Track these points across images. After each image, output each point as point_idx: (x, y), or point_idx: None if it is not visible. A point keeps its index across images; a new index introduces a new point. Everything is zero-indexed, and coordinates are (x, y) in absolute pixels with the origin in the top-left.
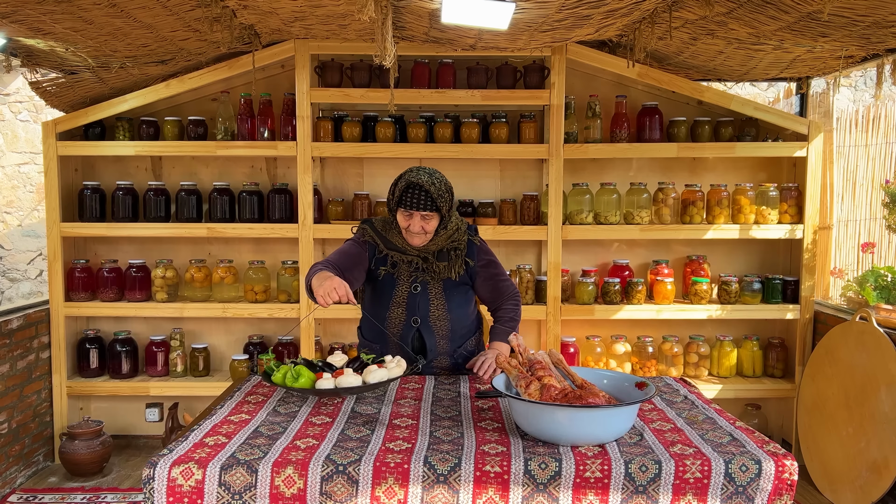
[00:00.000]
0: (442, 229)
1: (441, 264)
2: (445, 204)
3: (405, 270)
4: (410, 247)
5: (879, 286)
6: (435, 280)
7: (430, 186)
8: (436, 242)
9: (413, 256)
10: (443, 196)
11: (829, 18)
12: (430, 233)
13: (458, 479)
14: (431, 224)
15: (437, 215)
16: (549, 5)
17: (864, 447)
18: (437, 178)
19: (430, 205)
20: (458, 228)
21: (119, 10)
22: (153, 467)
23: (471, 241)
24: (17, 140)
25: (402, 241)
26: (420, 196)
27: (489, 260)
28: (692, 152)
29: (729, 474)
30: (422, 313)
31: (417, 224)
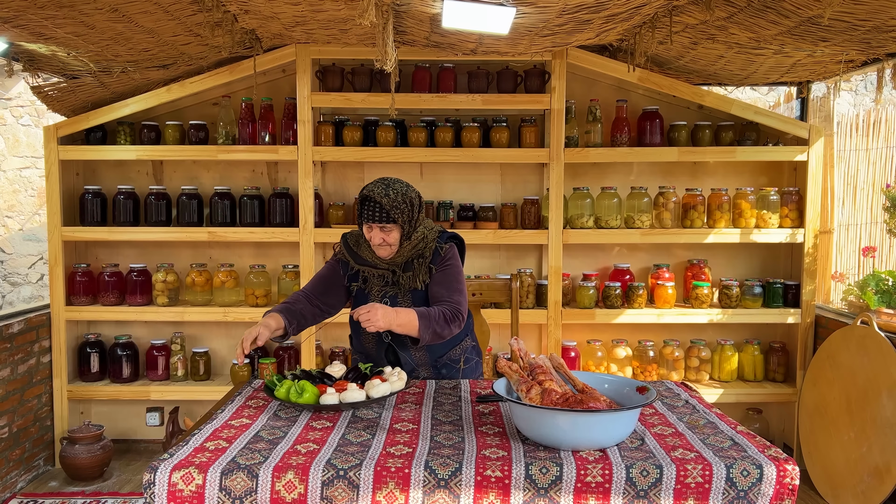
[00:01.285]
0: (406, 240)
1: (406, 275)
2: (402, 215)
3: (376, 285)
4: (380, 260)
5: (880, 290)
6: (403, 292)
7: (382, 199)
8: (401, 253)
9: (384, 270)
10: (398, 207)
11: (829, 23)
12: (393, 244)
13: (459, 483)
14: (392, 236)
15: (397, 227)
16: (550, 10)
17: (865, 452)
18: (394, 189)
19: (384, 217)
20: (423, 237)
21: (121, 15)
22: (154, 472)
23: (437, 249)
24: (19, 144)
25: (373, 254)
26: (374, 209)
27: (443, 267)
28: (693, 156)
29: (730, 479)
30: None
31: (378, 236)
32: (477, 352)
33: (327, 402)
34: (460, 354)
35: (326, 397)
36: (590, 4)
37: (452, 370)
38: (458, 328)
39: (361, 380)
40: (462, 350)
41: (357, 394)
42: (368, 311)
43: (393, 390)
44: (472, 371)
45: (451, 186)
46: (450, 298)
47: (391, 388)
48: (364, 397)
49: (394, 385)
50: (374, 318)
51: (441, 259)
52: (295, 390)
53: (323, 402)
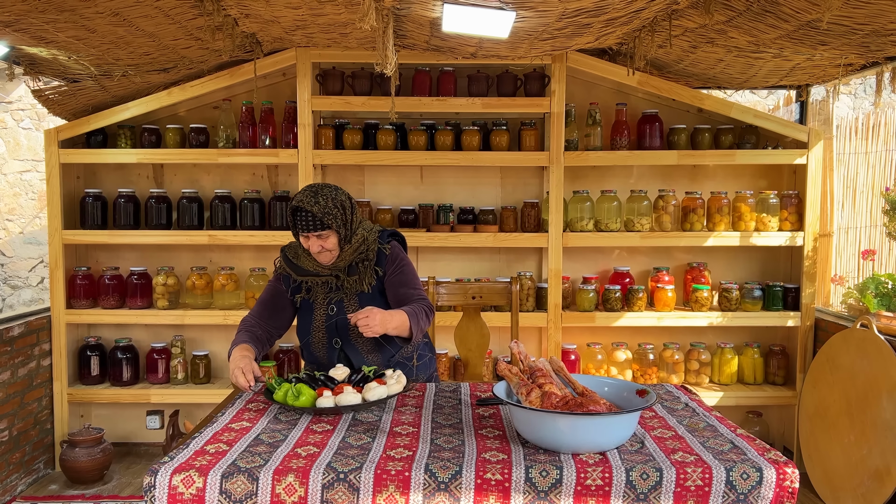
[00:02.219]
0: (346, 244)
1: (352, 279)
2: (335, 220)
3: (321, 293)
4: (322, 267)
5: (880, 293)
6: (349, 296)
7: (313, 207)
8: (344, 258)
9: (326, 277)
10: (330, 213)
11: (828, 27)
12: (333, 250)
13: (459, 486)
14: (330, 241)
15: (333, 232)
16: (550, 14)
17: (865, 455)
18: (323, 195)
19: (317, 224)
20: (364, 239)
21: (122, 19)
22: (154, 475)
23: (380, 250)
24: (20, 148)
25: (313, 262)
26: (307, 218)
27: (397, 267)
28: (692, 160)
29: (730, 482)
30: (341, 333)
31: (315, 245)
32: (430, 348)
33: (323, 405)
34: (412, 352)
35: (322, 400)
36: (589, 8)
37: (405, 368)
38: (430, 322)
39: (362, 383)
40: (414, 348)
41: (353, 397)
42: (367, 315)
43: (390, 393)
44: (426, 367)
45: (451, 190)
46: (419, 295)
47: (388, 392)
48: (360, 400)
49: (391, 388)
50: (373, 323)
51: (389, 260)
52: (292, 393)
53: (319, 405)
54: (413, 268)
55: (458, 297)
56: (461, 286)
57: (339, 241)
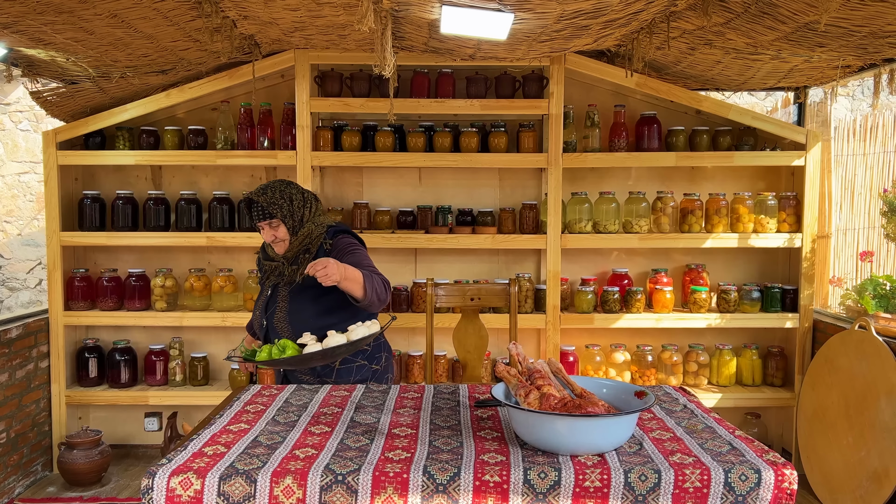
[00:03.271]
0: (292, 236)
1: (291, 268)
2: (280, 210)
3: (270, 276)
4: (275, 254)
5: (878, 295)
6: (285, 284)
7: (259, 198)
8: (291, 249)
9: (277, 263)
10: (276, 203)
11: (826, 29)
12: (284, 239)
13: (458, 488)
14: (281, 231)
15: (280, 222)
16: (548, 16)
17: (864, 456)
18: (272, 188)
19: (265, 214)
20: (310, 233)
21: (120, 21)
22: (152, 477)
23: (322, 245)
24: (18, 149)
25: (273, 251)
26: (256, 209)
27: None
28: (691, 161)
29: (728, 483)
30: (268, 316)
31: (269, 234)
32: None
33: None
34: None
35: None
36: (588, 10)
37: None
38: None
39: None
40: None
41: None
42: (324, 266)
43: (371, 332)
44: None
45: (450, 191)
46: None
47: (369, 331)
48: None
49: (371, 328)
50: (330, 272)
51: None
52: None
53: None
54: (366, 255)
55: (457, 298)
56: (460, 288)
57: (289, 231)
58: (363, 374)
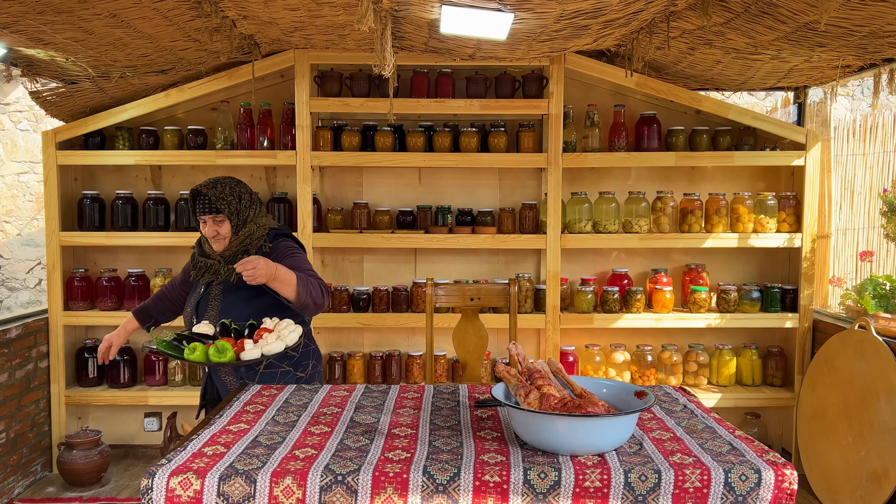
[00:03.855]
0: (234, 235)
1: (227, 267)
2: (228, 206)
3: (205, 273)
4: (215, 252)
5: (878, 295)
6: (219, 283)
7: (208, 191)
8: (230, 247)
9: (213, 261)
10: (224, 199)
11: (826, 29)
12: (226, 237)
13: (458, 488)
14: (225, 227)
15: (226, 218)
16: (548, 16)
17: (864, 456)
18: (221, 183)
19: (212, 208)
20: (251, 234)
21: (119, 21)
22: (151, 477)
23: (262, 247)
24: (17, 149)
25: (210, 247)
26: (204, 201)
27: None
28: (690, 161)
29: (728, 484)
30: (200, 313)
31: (211, 229)
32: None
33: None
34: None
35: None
36: (587, 10)
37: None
38: (327, 302)
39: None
40: None
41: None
42: (253, 265)
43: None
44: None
45: (450, 191)
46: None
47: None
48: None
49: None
50: (257, 271)
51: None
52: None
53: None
54: (306, 259)
55: (457, 298)
56: (459, 288)
57: (232, 229)
58: (287, 380)
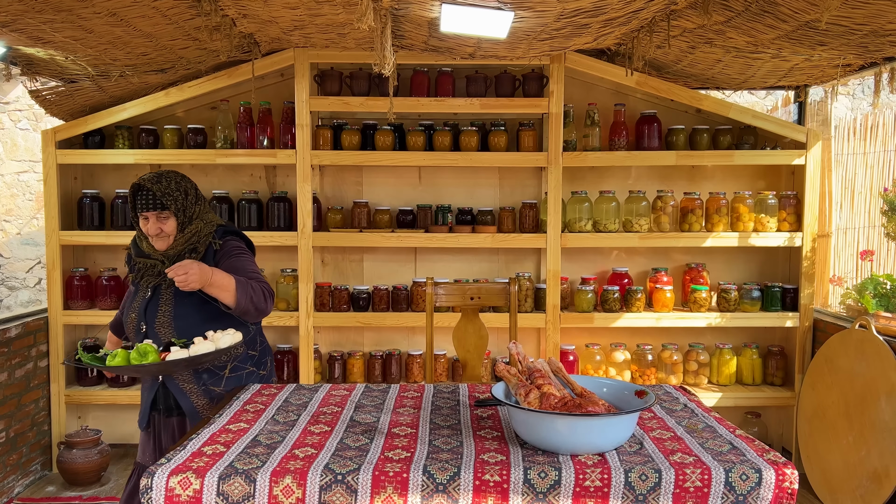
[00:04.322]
0: (179, 233)
1: None
2: (174, 202)
3: (146, 275)
4: (154, 251)
5: (879, 294)
6: (167, 284)
7: (154, 186)
8: (175, 246)
9: (156, 260)
10: (171, 194)
11: (827, 27)
12: (170, 234)
13: (458, 488)
14: (169, 225)
15: (172, 215)
16: (548, 14)
17: (864, 456)
18: (166, 177)
19: (157, 204)
20: (198, 231)
21: (119, 19)
22: (151, 477)
23: (211, 245)
24: (17, 148)
25: (150, 246)
26: (147, 197)
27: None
28: (691, 160)
29: (729, 483)
30: (149, 319)
31: (154, 226)
32: (254, 362)
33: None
34: (227, 362)
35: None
36: (588, 9)
37: (214, 375)
38: (272, 307)
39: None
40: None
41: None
42: (185, 269)
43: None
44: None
45: (450, 190)
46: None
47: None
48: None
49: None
50: (190, 276)
51: (221, 254)
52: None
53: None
54: (252, 262)
55: (457, 297)
56: (459, 287)
57: (177, 226)
58: (253, 380)
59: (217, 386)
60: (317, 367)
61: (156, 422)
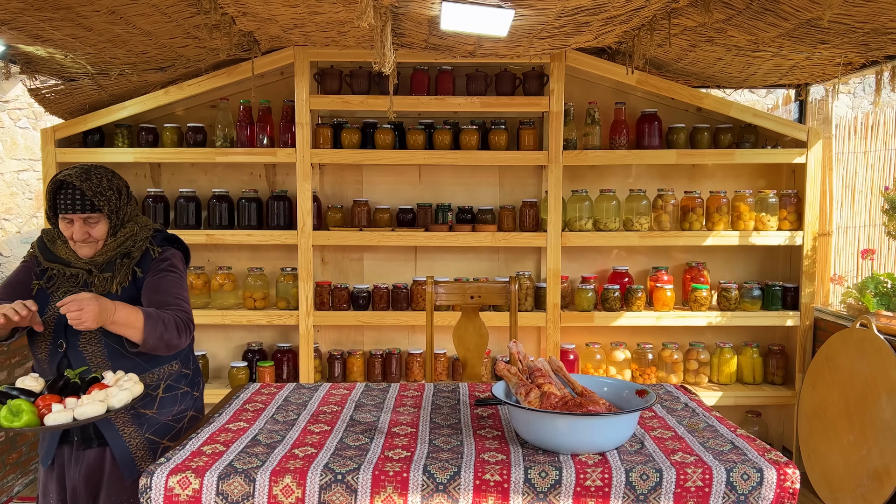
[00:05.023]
0: (111, 237)
1: (104, 276)
2: (108, 203)
3: (64, 285)
4: (77, 258)
5: (879, 293)
6: None
7: (83, 184)
8: (104, 252)
9: (78, 269)
10: (103, 194)
11: (828, 25)
12: (99, 239)
13: (458, 487)
14: (99, 229)
15: (104, 217)
16: (548, 12)
17: (865, 455)
18: (96, 174)
19: (87, 205)
20: (133, 234)
21: (118, 17)
22: (150, 476)
23: (148, 250)
24: (17, 147)
25: (69, 251)
26: (75, 197)
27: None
28: (691, 159)
29: (730, 483)
30: (70, 336)
31: (81, 231)
32: (188, 381)
33: (57, 421)
34: (160, 380)
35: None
36: (588, 7)
37: (146, 397)
38: (188, 341)
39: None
40: (165, 375)
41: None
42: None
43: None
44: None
45: (450, 189)
46: (179, 306)
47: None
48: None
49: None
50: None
51: (155, 263)
52: (8, 411)
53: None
54: (182, 279)
55: (457, 296)
56: (459, 286)
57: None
58: (186, 402)
59: (149, 409)
60: (317, 366)
61: (65, 456)
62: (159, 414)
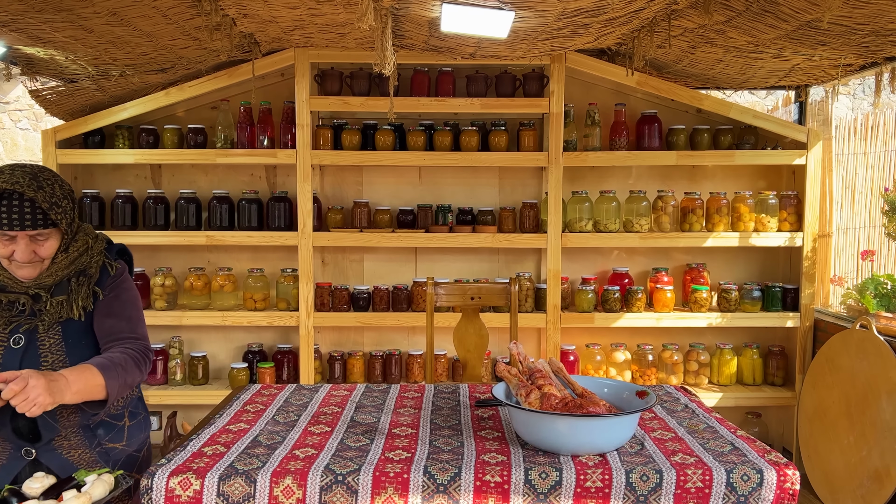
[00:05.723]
0: (62, 253)
1: (58, 300)
2: (65, 216)
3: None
4: (16, 281)
5: (879, 294)
6: (48, 325)
7: (35, 193)
8: (54, 272)
9: (18, 295)
10: (59, 204)
11: (828, 27)
12: (46, 259)
13: (458, 488)
14: (48, 246)
15: (56, 232)
16: (549, 14)
17: (865, 456)
18: (45, 178)
19: (39, 220)
20: (87, 248)
21: (119, 19)
22: (151, 477)
23: (105, 266)
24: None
25: (5, 273)
26: (23, 209)
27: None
28: (691, 160)
29: (730, 484)
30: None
31: (26, 251)
32: (143, 405)
33: None
34: (123, 409)
35: None
36: (588, 8)
37: (114, 429)
38: (149, 369)
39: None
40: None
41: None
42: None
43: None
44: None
45: (450, 190)
46: (134, 333)
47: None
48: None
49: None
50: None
51: (112, 281)
52: None
53: None
54: (137, 298)
55: (457, 297)
56: (460, 287)
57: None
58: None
59: (118, 441)
60: (317, 367)
61: None
62: (129, 445)
